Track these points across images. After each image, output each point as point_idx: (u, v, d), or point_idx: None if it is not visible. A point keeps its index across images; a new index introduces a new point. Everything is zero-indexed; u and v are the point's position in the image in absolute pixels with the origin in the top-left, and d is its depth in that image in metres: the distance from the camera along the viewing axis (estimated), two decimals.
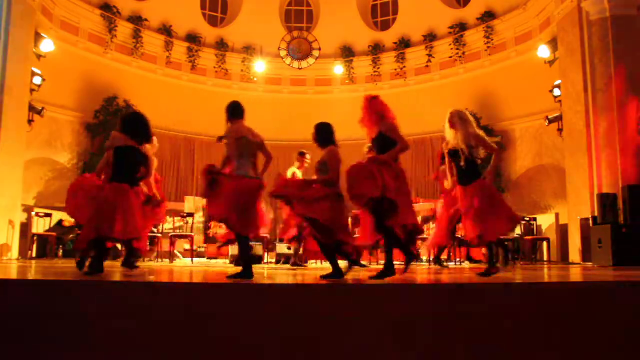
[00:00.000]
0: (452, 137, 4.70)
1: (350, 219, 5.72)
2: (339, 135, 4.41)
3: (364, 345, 2.69)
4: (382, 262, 8.61)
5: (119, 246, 8.34)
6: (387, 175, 3.93)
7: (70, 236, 8.78)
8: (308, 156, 7.41)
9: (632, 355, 2.70)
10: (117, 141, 4.69)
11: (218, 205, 4.22)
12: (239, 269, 4.13)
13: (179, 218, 9.57)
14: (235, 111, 4.52)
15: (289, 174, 7.16)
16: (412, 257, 4.27)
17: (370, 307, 2.82)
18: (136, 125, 4.74)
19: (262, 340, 2.69)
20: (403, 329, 2.71)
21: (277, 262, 8.50)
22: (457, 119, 4.71)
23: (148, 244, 5.05)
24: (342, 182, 4.09)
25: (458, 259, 8.18)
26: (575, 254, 8.70)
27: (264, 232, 5.52)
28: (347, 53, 13.64)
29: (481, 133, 4.72)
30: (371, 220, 4.14)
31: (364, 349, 2.68)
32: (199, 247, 9.36)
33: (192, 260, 8.35)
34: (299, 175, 7.19)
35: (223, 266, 7.20)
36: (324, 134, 4.38)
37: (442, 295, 2.99)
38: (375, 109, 4.26)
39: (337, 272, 4.04)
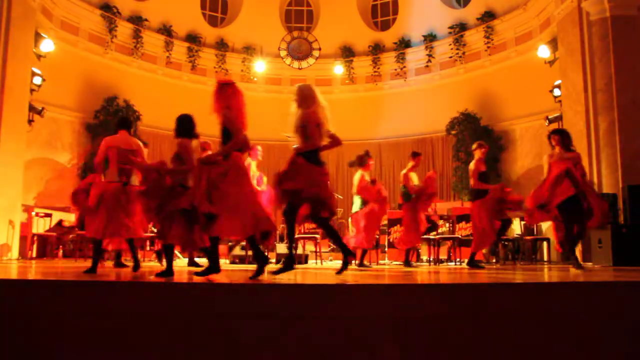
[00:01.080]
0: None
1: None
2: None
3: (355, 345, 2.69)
4: (382, 262, 8.64)
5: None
6: (205, 179, 3.62)
7: (70, 236, 8.77)
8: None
9: (632, 355, 2.70)
10: None
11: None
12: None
13: None
14: (118, 122, 5.19)
15: (357, 178, 6.90)
16: (265, 260, 3.87)
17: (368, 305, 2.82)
18: None
19: (259, 340, 2.69)
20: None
21: (277, 261, 8.48)
22: (300, 96, 4.15)
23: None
24: None
25: (458, 259, 8.18)
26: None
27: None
28: (347, 53, 13.65)
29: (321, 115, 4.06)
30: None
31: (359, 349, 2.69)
32: None
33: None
34: (367, 177, 6.93)
35: (222, 266, 7.17)
36: (185, 125, 4.41)
37: (448, 295, 2.99)
38: (221, 97, 3.83)
39: (167, 270, 4.00)
